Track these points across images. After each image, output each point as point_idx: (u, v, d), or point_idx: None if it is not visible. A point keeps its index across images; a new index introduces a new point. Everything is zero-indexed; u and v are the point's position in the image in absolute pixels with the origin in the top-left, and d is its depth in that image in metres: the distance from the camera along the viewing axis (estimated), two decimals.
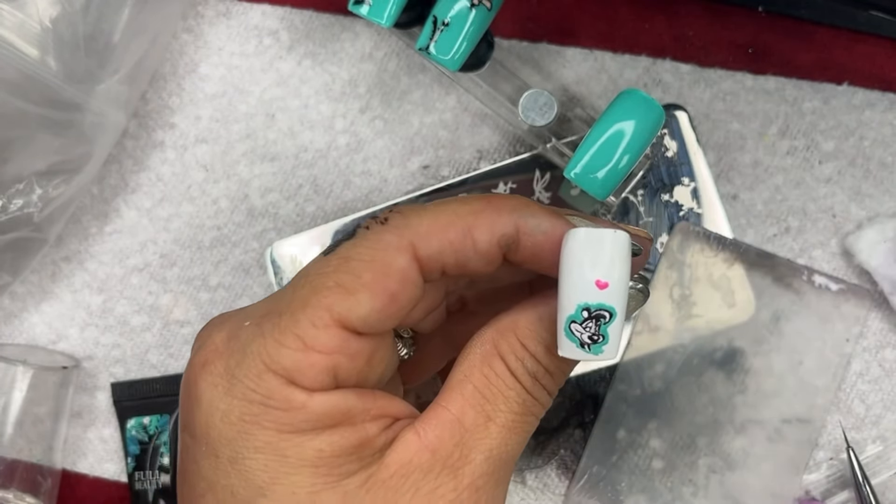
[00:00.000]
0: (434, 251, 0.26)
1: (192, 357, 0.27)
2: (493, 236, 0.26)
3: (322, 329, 0.25)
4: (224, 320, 0.27)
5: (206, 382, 0.25)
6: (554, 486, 0.44)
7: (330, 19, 0.45)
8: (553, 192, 0.43)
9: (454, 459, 0.25)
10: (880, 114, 0.42)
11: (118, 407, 0.45)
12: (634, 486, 0.42)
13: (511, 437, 0.26)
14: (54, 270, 0.47)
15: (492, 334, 0.27)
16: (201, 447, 0.25)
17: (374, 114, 0.45)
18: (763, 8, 0.43)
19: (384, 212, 0.27)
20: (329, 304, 0.25)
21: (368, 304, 0.25)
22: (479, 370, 0.27)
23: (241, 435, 0.25)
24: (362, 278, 0.25)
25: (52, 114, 0.39)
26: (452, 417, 0.26)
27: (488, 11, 0.36)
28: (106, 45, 0.40)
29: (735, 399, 0.42)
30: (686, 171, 0.43)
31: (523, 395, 0.27)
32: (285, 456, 0.24)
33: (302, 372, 0.24)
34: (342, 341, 0.25)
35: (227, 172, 0.46)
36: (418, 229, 0.26)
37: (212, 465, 0.25)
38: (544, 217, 0.26)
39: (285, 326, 0.25)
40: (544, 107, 0.40)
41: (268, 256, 0.44)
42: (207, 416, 0.25)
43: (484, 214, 0.26)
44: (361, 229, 0.26)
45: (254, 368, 0.25)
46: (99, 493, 0.46)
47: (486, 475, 0.26)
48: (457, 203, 0.27)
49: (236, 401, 0.25)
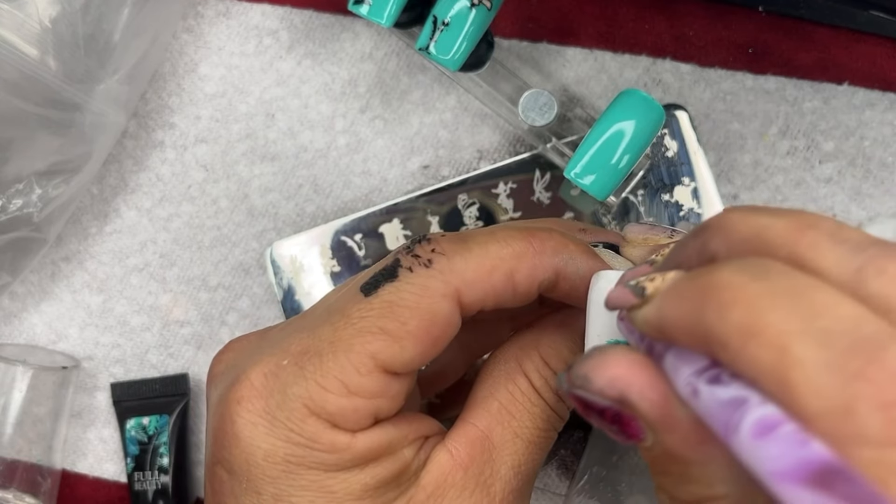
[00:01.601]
0: (478, 298, 0.26)
1: (223, 390, 0.27)
2: (535, 281, 0.27)
3: (366, 375, 0.25)
4: (255, 351, 0.27)
5: (244, 420, 0.25)
6: (554, 486, 0.44)
7: (330, 19, 0.45)
8: (553, 192, 0.43)
9: (486, 476, 0.26)
10: (880, 114, 0.42)
11: (118, 407, 0.45)
12: (634, 486, 0.42)
13: (537, 453, 0.27)
14: (54, 270, 0.47)
15: (515, 351, 0.28)
16: (241, 484, 0.26)
17: (374, 114, 0.45)
18: (763, 8, 0.43)
19: (425, 249, 0.26)
20: (374, 351, 0.25)
21: (413, 351, 0.25)
22: (504, 387, 0.27)
23: (285, 475, 0.25)
24: (408, 326, 0.25)
25: (51, 114, 0.39)
26: (481, 434, 0.27)
27: (488, 11, 0.36)
28: (106, 44, 0.39)
29: None
30: (686, 171, 0.43)
31: (547, 412, 0.27)
32: (333, 492, 0.25)
33: (345, 416, 0.25)
34: (385, 385, 0.25)
35: (227, 172, 0.46)
36: (464, 276, 0.26)
37: (253, 501, 0.25)
38: (582, 260, 0.27)
39: (328, 371, 0.25)
40: (544, 107, 0.40)
41: (268, 256, 0.44)
42: (248, 455, 0.25)
43: (525, 259, 0.26)
44: (404, 270, 0.26)
45: (297, 412, 0.25)
46: (99, 493, 0.46)
47: (515, 490, 0.27)
48: (499, 244, 0.26)
49: (280, 442, 0.25)
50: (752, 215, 0.18)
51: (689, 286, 0.18)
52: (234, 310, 0.46)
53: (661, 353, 0.19)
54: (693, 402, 0.17)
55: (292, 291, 0.44)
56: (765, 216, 0.18)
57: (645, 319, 0.19)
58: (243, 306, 0.46)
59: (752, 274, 0.16)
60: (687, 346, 0.17)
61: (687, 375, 0.17)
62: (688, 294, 0.17)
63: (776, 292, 0.16)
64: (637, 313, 0.19)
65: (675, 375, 0.18)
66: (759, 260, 0.17)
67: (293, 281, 0.44)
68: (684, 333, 0.17)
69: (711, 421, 0.17)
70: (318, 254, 0.44)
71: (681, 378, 0.18)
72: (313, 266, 0.44)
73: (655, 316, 0.18)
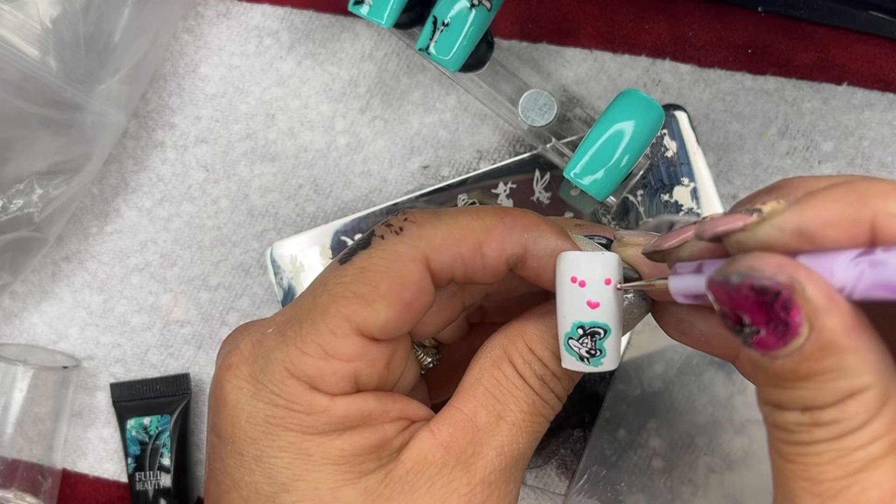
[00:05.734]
0: (446, 264, 0.27)
1: (218, 361, 0.28)
2: (502, 254, 0.27)
3: (342, 338, 0.26)
4: (249, 327, 0.29)
5: (231, 385, 0.27)
6: (554, 486, 0.44)
7: (330, 19, 0.45)
8: (553, 192, 0.43)
9: (467, 456, 0.27)
10: (880, 114, 0.42)
11: (118, 407, 0.45)
12: (634, 485, 0.42)
13: (521, 436, 0.28)
14: (54, 270, 0.47)
15: (501, 339, 0.28)
16: (227, 446, 0.27)
17: (374, 114, 0.45)
18: (763, 8, 0.43)
19: (398, 219, 0.28)
20: (348, 314, 0.26)
21: (385, 313, 0.26)
22: (489, 373, 0.28)
23: (265, 435, 0.26)
24: (379, 289, 0.26)
25: (52, 114, 0.39)
26: (465, 417, 0.27)
27: (488, 11, 0.36)
28: (106, 45, 0.40)
29: (735, 399, 0.42)
30: (686, 172, 0.43)
31: (532, 396, 0.28)
32: (308, 455, 0.26)
33: (324, 378, 0.26)
34: (361, 348, 0.26)
35: (228, 172, 0.46)
36: (432, 241, 0.27)
37: (237, 463, 0.26)
38: (551, 238, 0.27)
39: (306, 334, 0.26)
40: (544, 107, 0.40)
41: (268, 256, 0.44)
42: (233, 417, 0.26)
43: (495, 232, 0.27)
44: (376, 238, 0.27)
45: (278, 374, 0.26)
46: (99, 492, 0.46)
47: (497, 471, 0.27)
48: (470, 216, 0.28)
49: (262, 404, 0.26)
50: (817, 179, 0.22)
51: (841, 191, 0.20)
52: (234, 309, 0.46)
53: None
54: (860, 281, 0.19)
55: (292, 291, 0.44)
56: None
57: (777, 228, 0.20)
58: (244, 306, 0.46)
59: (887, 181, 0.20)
60: (837, 239, 0.20)
61: (847, 261, 0.19)
62: (841, 196, 0.20)
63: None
64: (757, 229, 0.21)
65: (826, 268, 0.20)
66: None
67: (293, 281, 0.44)
68: (839, 227, 0.19)
69: (887, 291, 0.19)
70: (318, 254, 0.44)
71: (839, 266, 0.19)
72: (313, 266, 0.44)
73: (795, 221, 0.20)
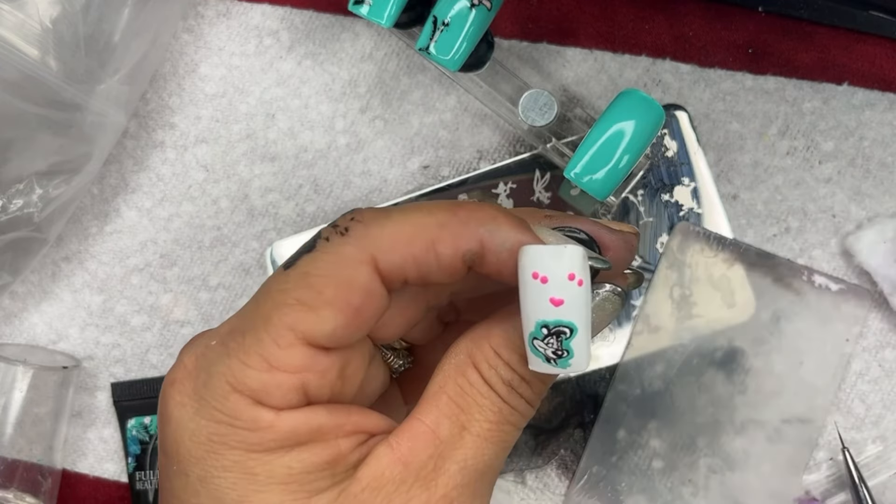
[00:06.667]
0: (396, 265, 0.25)
1: (165, 376, 0.27)
2: (457, 251, 0.25)
3: (286, 348, 0.24)
4: (198, 338, 0.27)
5: (174, 402, 0.25)
6: (554, 486, 0.44)
7: (330, 19, 0.45)
8: (553, 192, 0.43)
9: (427, 471, 0.25)
10: (880, 114, 0.42)
11: (118, 407, 0.45)
12: (634, 486, 0.42)
13: (487, 447, 0.26)
14: (54, 270, 0.47)
15: (466, 344, 0.26)
16: (172, 466, 0.25)
17: (374, 114, 0.45)
18: (763, 8, 0.43)
19: (345, 219, 0.26)
20: (291, 323, 0.24)
21: (332, 321, 0.24)
22: (453, 380, 0.26)
23: (209, 454, 0.24)
24: (324, 294, 0.24)
25: (52, 114, 0.39)
26: (427, 429, 0.25)
27: (488, 11, 0.36)
28: (106, 45, 0.40)
29: (735, 399, 0.42)
30: (686, 171, 0.43)
31: (499, 404, 0.26)
32: (254, 474, 0.24)
33: (268, 392, 0.24)
34: (308, 359, 0.24)
35: (228, 172, 0.46)
36: (380, 242, 0.25)
37: (182, 484, 0.25)
38: (510, 232, 0.25)
39: (249, 346, 0.24)
40: (544, 107, 0.40)
41: (268, 256, 0.44)
42: (176, 435, 0.25)
43: (448, 228, 0.25)
44: (321, 240, 0.25)
45: (220, 389, 0.24)
46: (99, 493, 0.46)
47: (460, 486, 0.25)
48: (421, 213, 0.25)
49: (204, 421, 0.25)
50: None
51: None
52: (234, 310, 0.46)
53: None
54: None
55: None
56: None
57: None
58: None
59: None
60: None
61: None
62: None
63: None
64: None
65: None
66: None
67: None
68: None
69: None
70: None
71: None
72: None
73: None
